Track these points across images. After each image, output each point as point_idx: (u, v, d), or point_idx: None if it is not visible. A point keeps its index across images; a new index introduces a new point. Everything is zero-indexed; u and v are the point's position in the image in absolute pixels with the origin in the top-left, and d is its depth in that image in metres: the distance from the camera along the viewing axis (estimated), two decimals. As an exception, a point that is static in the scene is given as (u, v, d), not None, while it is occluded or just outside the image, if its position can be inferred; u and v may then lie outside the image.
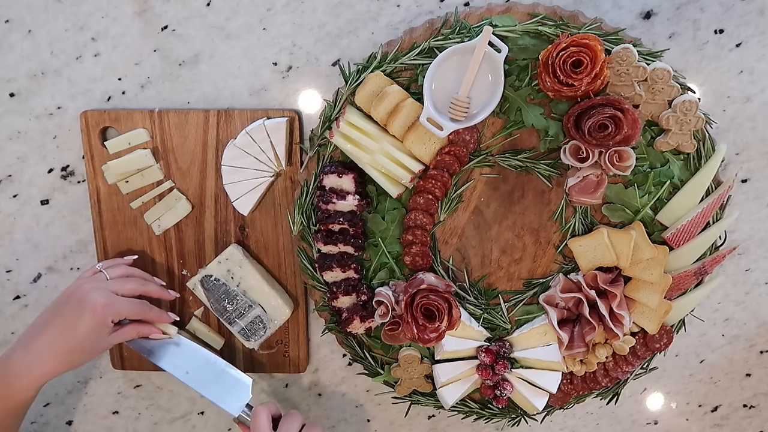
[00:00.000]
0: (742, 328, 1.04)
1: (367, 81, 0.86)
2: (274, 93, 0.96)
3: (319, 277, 0.95)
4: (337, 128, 0.88)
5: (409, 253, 0.92)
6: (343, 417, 1.10)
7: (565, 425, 1.10)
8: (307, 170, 0.92)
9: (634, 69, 0.83)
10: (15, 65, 0.96)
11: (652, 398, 1.08)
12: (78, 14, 0.94)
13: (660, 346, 0.94)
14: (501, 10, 0.86)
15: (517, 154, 0.90)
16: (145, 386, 1.09)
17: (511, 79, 0.85)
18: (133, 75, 0.96)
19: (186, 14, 0.94)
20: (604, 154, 0.84)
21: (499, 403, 0.97)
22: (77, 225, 1.01)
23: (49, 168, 1.00)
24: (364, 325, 0.95)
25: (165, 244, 0.99)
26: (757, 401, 1.08)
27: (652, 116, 0.86)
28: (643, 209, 0.90)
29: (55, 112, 0.97)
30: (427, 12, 0.92)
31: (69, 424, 1.11)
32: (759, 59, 0.92)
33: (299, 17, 0.93)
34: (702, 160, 0.88)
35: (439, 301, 0.86)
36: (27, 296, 1.05)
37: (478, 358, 0.95)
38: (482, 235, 0.94)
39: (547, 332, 0.94)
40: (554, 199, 0.92)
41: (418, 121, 0.86)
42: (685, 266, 0.91)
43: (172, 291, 0.97)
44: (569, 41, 0.79)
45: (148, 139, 0.96)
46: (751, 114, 0.94)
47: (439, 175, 0.88)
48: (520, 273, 0.96)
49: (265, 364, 1.04)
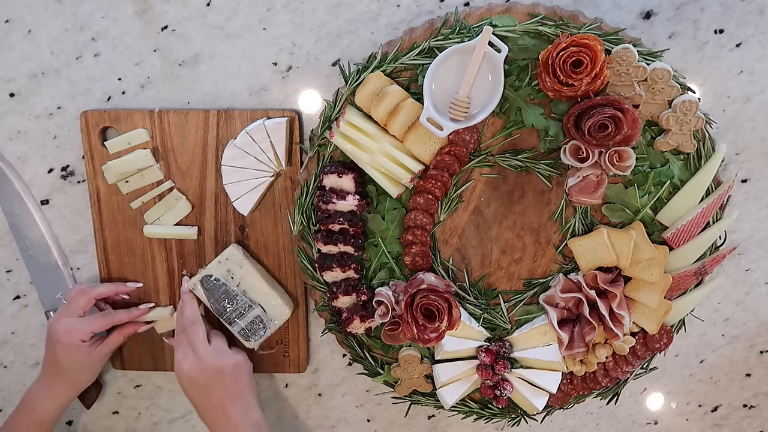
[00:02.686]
0: (742, 328, 1.04)
1: (367, 81, 0.86)
2: (274, 93, 0.96)
3: (319, 277, 0.95)
4: (337, 128, 0.88)
5: (409, 253, 0.92)
6: (343, 417, 1.10)
7: (565, 425, 1.10)
8: (307, 170, 0.92)
9: (634, 69, 0.83)
10: (15, 65, 0.96)
11: (652, 398, 1.08)
12: (78, 14, 0.94)
13: (660, 346, 0.94)
14: (501, 10, 0.86)
15: (517, 154, 0.90)
16: (145, 386, 1.09)
17: (511, 79, 0.85)
18: (133, 75, 0.96)
19: (186, 14, 0.93)
20: (604, 154, 0.84)
21: (499, 403, 0.97)
22: (77, 225, 1.01)
23: (49, 168, 1.00)
24: (364, 325, 0.95)
25: (165, 244, 0.99)
26: (757, 401, 1.08)
27: (652, 116, 0.86)
28: (643, 209, 0.90)
29: (55, 112, 0.97)
30: (427, 12, 0.92)
31: (69, 424, 1.11)
32: (759, 59, 0.92)
33: (299, 17, 0.93)
34: (702, 160, 0.88)
35: (439, 301, 0.86)
36: (27, 296, 1.05)
37: (478, 358, 0.95)
38: (482, 235, 0.94)
39: (547, 332, 0.94)
40: (554, 199, 0.92)
41: (418, 121, 0.86)
42: (685, 266, 0.91)
43: (132, 285, 1.00)
44: (569, 41, 0.79)
45: (148, 139, 0.96)
46: (751, 114, 0.94)
47: (439, 175, 0.88)
48: (520, 273, 0.96)
49: (265, 364, 1.03)
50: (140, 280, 1.00)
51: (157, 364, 1.05)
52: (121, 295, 0.99)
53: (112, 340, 0.98)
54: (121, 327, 0.99)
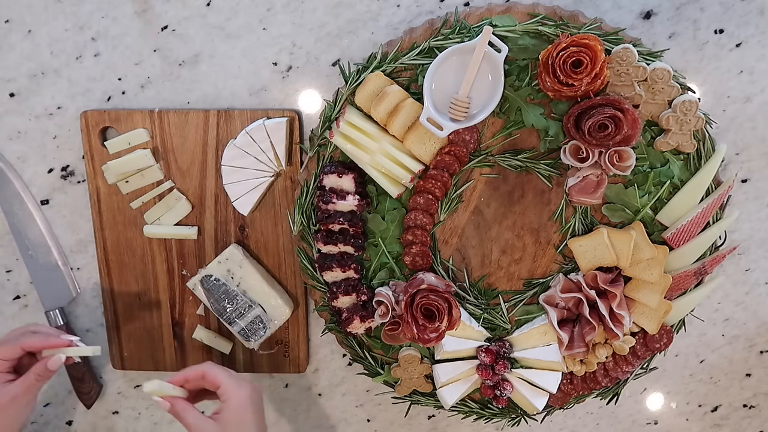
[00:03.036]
0: (742, 328, 1.04)
1: (367, 81, 0.86)
2: (274, 93, 0.96)
3: (319, 277, 0.95)
4: (337, 128, 0.88)
5: (409, 253, 0.92)
6: (343, 417, 1.10)
7: (565, 425, 1.10)
8: (307, 170, 0.92)
9: (634, 69, 0.83)
10: (15, 65, 0.96)
11: (652, 398, 1.08)
12: (78, 14, 0.94)
13: (660, 346, 0.93)
14: (501, 10, 0.86)
15: (517, 154, 0.90)
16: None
17: (511, 79, 0.85)
18: (133, 75, 0.96)
19: (186, 14, 0.93)
20: (604, 154, 0.84)
21: (499, 403, 0.97)
22: (77, 225, 1.01)
23: (49, 168, 1.00)
24: (364, 325, 0.95)
25: (165, 244, 0.99)
26: (757, 401, 1.08)
27: (652, 116, 0.86)
28: (643, 209, 0.90)
29: (55, 112, 0.97)
30: (427, 12, 0.92)
31: (69, 424, 1.11)
32: (759, 59, 0.92)
33: (299, 17, 0.93)
34: (702, 160, 0.88)
35: (439, 301, 0.86)
36: (27, 296, 1.05)
37: (478, 358, 0.95)
38: (482, 235, 0.94)
39: (547, 332, 0.94)
40: (554, 199, 0.92)
41: (418, 121, 0.86)
42: (685, 266, 0.91)
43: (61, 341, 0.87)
44: (569, 41, 0.79)
45: (148, 139, 0.96)
46: (751, 114, 0.94)
47: (439, 175, 0.88)
48: (520, 273, 0.96)
49: (265, 364, 1.03)
50: None
51: (157, 364, 1.05)
52: (50, 350, 0.86)
53: (22, 381, 0.84)
54: (33, 368, 0.85)
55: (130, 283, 1.01)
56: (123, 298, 1.02)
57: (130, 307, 1.02)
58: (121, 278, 1.01)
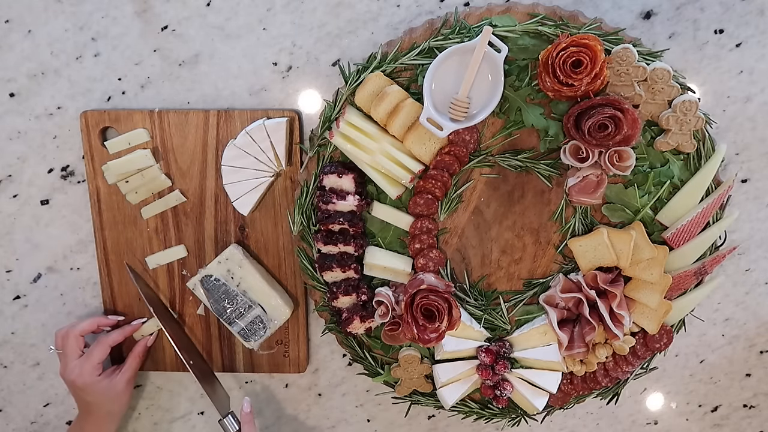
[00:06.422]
0: (742, 328, 1.04)
1: (367, 81, 0.86)
2: (274, 93, 0.96)
3: (319, 277, 0.95)
4: (337, 128, 0.88)
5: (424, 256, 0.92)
6: (343, 417, 1.10)
7: (565, 425, 1.10)
8: (307, 170, 0.92)
9: (634, 69, 0.83)
10: (15, 65, 0.96)
11: (652, 398, 1.08)
12: (78, 14, 0.94)
13: (660, 346, 0.93)
14: (501, 10, 0.86)
15: (517, 154, 0.90)
16: (145, 386, 1.09)
17: (511, 79, 0.85)
18: (133, 75, 0.96)
19: (186, 14, 0.93)
20: (604, 154, 0.84)
21: (499, 403, 0.97)
22: (77, 225, 1.01)
23: (49, 168, 1.00)
24: (364, 325, 0.95)
25: (165, 244, 0.99)
26: (757, 401, 1.08)
27: (652, 116, 0.86)
28: (643, 209, 0.90)
29: (55, 112, 0.97)
30: (427, 12, 0.92)
31: (69, 424, 1.11)
32: (759, 59, 0.92)
33: (299, 17, 0.93)
34: (702, 160, 0.88)
35: (439, 301, 0.86)
36: (27, 296, 1.05)
37: (478, 358, 0.95)
38: (482, 235, 0.94)
39: (547, 332, 0.94)
40: (554, 199, 0.92)
41: (418, 121, 0.86)
42: (685, 266, 0.91)
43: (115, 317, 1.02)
44: (569, 41, 0.79)
45: (148, 139, 0.96)
46: (751, 114, 0.94)
47: (439, 175, 0.88)
48: (520, 273, 0.96)
49: (265, 364, 1.04)
50: (124, 313, 1.02)
51: (157, 364, 1.05)
52: (103, 327, 1.00)
53: (129, 365, 1.00)
54: (132, 349, 1.01)
55: (130, 283, 1.01)
56: (123, 298, 1.02)
57: (130, 307, 1.02)
58: (121, 278, 1.01)
